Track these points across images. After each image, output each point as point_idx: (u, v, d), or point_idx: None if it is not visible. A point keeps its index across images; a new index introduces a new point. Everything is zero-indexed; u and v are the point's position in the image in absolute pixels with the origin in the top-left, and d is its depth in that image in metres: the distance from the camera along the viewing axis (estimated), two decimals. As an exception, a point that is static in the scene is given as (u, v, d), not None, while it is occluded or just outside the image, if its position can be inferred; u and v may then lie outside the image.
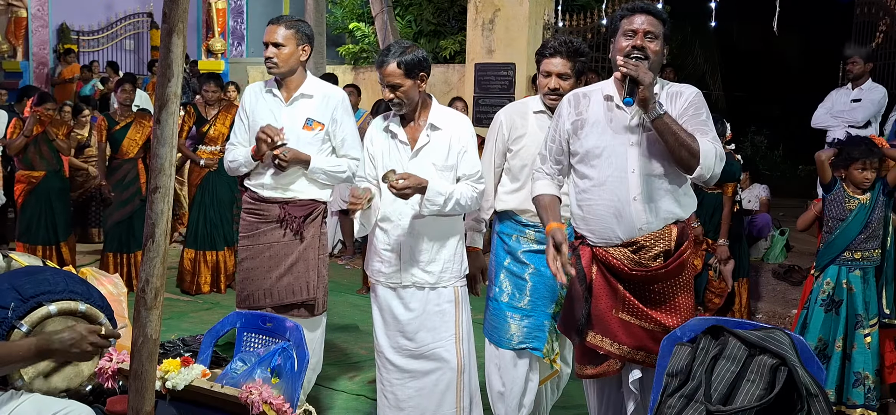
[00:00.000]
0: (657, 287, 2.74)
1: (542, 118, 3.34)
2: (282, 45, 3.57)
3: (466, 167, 3.26)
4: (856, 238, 4.06)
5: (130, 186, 6.42)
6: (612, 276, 2.77)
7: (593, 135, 2.77)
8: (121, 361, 2.57)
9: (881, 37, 7.76)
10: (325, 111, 3.67)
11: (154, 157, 1.99)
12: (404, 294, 3.30)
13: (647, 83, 2.55)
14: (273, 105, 3.66)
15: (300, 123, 3.64)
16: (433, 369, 3.29)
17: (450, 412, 3.31)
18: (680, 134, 2.60)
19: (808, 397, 2.19)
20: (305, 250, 3.69)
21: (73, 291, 2.81)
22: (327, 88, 3.76)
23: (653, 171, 2.71)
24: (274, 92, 3.68)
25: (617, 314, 2.76)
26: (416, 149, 3.23)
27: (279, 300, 3.65)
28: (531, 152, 3.27)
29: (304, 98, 3.67)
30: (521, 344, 3.35)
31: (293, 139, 3.61)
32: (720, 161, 2.65)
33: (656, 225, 2.73)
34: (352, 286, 6.70)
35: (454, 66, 9.85)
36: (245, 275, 3.71)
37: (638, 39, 2.69)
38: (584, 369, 2.93)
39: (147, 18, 14.28)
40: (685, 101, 2.73)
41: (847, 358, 4.04)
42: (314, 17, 9.55)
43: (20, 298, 2.66)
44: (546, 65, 3.29)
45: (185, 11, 1.92)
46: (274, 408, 2.39)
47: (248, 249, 3.71)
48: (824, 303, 4.11)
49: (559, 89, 3.24)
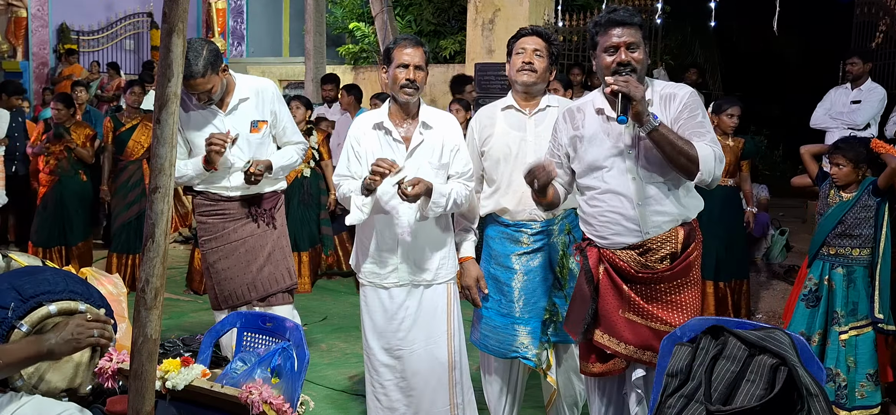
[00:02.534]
0: (663, 287, 2.76)
1: (509, 114, 3.29)
2: (209, 88, 3.52)
3: (459, 165, 3.26)
4: (829, 233, 4.13)
5: (136, 187, 6.42)
6: (619, 277, 2.78)
7: (592, 149, 2.80)
8: (121, 361, 2.57)
9: (881, 37, 7.76)
10: (264, 109, 3.73)
11: (154, 157, 1.99)
12: (397, 293, 3.27)
13: (638, 98, 2.56)
14: (211, 118, 3.67)
15: (247, 128, 3.68)
16: (426, 367, 3.27)
17: (443, 410, 3.30)
18: (677, 143, 2.60)
19: (808, 396, 2.19)
20: (279, 238, 3.80)
21: (72, 290, 2.81)
22: (258, 84, 3.79)
23: (654, 176, 2.72)
24: None
25: (623, 314, 2.78)
26: (411, 148, 3.21)
27: (264, 291, 3.72)
28: (500, 148, 3.25)
29: (242, 102, 3.70)
30: (514, 353, 3.26)
31: (244, 144, 3.66)
32: (720, 163, 2.65)
33: (662, 228, 2.75)
34: (351, 286, 6.69)
35: (454, 67, 9.85)
36: (221, 275, 3.73)
37: (621, 55, 2.69)
38: (590, 367, 2.94)
39: (147, 18, 14.28)
40: (679, 103, 2.73)
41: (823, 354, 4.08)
42: (314, 17, 9.55)
43: (20, 299, 2.66)
44: (520, 43, 3.24)
45: (185, 11, 1.92)
46: (274, 408, 2.39)
47: (217, 251, 3.73)
48: (805, 298, 4.19)
49: (533, 64, 3.19)
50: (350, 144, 3.31)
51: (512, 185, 3.24)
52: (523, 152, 3.22)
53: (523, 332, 3.25)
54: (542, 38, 3.23)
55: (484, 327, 3.35)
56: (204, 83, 3.49)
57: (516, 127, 3.26)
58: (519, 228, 3.25)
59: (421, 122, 3.24)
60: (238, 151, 3.65)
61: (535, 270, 3.25)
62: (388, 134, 3.23)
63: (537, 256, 3.25)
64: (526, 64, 3.20)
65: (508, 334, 3.26)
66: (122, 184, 6.43)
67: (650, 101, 2.72)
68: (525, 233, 3.25)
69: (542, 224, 3.24)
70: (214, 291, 3.81)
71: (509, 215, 3.27)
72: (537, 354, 3.24)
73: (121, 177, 6.45)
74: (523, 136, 3.25)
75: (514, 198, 3.24)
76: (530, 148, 3.22)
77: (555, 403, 3.45)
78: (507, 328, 3.26)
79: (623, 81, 2.58)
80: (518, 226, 3.25)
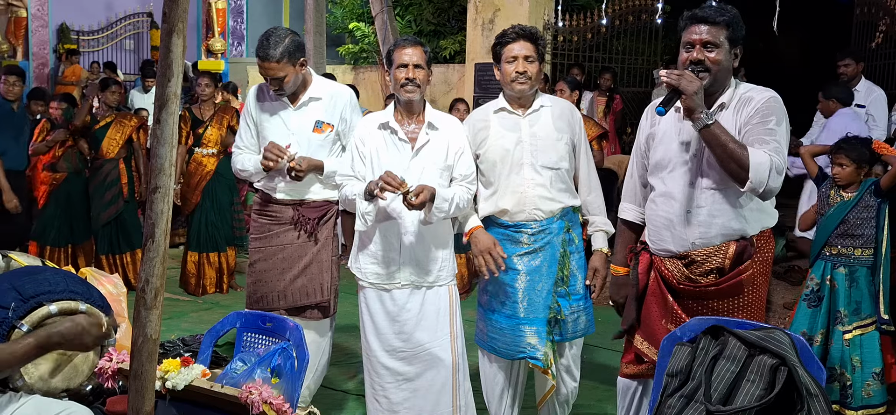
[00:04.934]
0: (713, 305, 2.65)
1: (503, 116, 3.29)
2: (282, 75, 3.49)
3: (463, 168, 3.27)
4: (831, 233, 4.11)
5: (112, 186, 6.39)
6: (665, 286, 2.73)
7: (661, 147, 2.76)
8: (121, 361, 2.57)
9: (881, 37, 7.76)
10: (333, 112, 3.63)
11: (154, 157, 1.99)
12: (400, 295, 3.27)
13: (690, 92, 2.46)
14: (280, 109, 3.63)
15: (310, 127, 3.60)
16: (429, 369, 3.27)
17: (446, 412, 3.30)
18: (729, 145, 2.47)
19: (808, 396, 2.19)
20: (319, 252, 3.68)
21: (73, 291, 2.81)
22: (334, 88, 3.73)
23: (716, 184, 2.62)
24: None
25: (665, 324, 2.72)
26: (416, 148, 3.22)
27: (293, 302, 3.63)
28: (495, 150, 3.25)
29: (313, 101, 3.63)
30: (521, 354, 3.25)
31: (304, 143, 3.58)
32: (777, 174, 2.47)
33: (711, 241, 2.65)
34: (352, 286, 6.66)
35: (454, 66, 9.85)
36: (257, 277, 3.68)
37: (695, 53, 2.61)
38: (623, 368, 2.92)
39: (147, 18, 14.27)
40: (753, 108, 2.59)
41: (827, 354, 4.07)
42: (314, 17, 9.56)
43: (20, 298, 2.66)
44: (509, 50, 3.19)
45: (185, 11, 1.92)
46: (274, 408, 2.39)
47: (260, 251, 3.68)
48: (808, 298, 4.18)
49: (527, 72, 3.17)
50: (354, 145, 3.31)
51: (509, 186, 3.23)
52: (519, 153, 3.22)
53: (530, 332, 3.23)
54: (530, 41, 3.19)
55: (490, 329, 3.33)
56: (277, 69, 3.45)
57: (511, 128, 3.26)
58: (518, 229, 3.25)
59: (427, 122, 3.25)
60: (296, 148, 3.55)
61: (537, 270, 3.24)
62: (394, 133, 3.24)
63: (539, 256, 3.24)
64: (519, 74, 3.18)
65: (516, 336, 3.24)
66: (98, 184, 6.38)
67: (724, 105, 2.63)
68: (525, 233, 3.24)
69: (542, 223, 3.23)
70: (249, 291, 3.76)
71: (508, 216, 3.26)
72: (545, 353, 3.23)
73: (97, 176, 6.39)
74: (519, 136, 3.24)
75: (512, 199, 3.23)
76: (526, 149, 3.22)
77: (547, 401, 3.45)
78: (514, 330, 3.25)
79: (676, 75, 2.49)
80: (517, 227, 3.25)
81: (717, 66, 2.61)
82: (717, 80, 2.63)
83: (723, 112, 2.65)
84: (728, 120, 2.62)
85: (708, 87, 2.62)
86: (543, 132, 3.24)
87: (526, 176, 3.22)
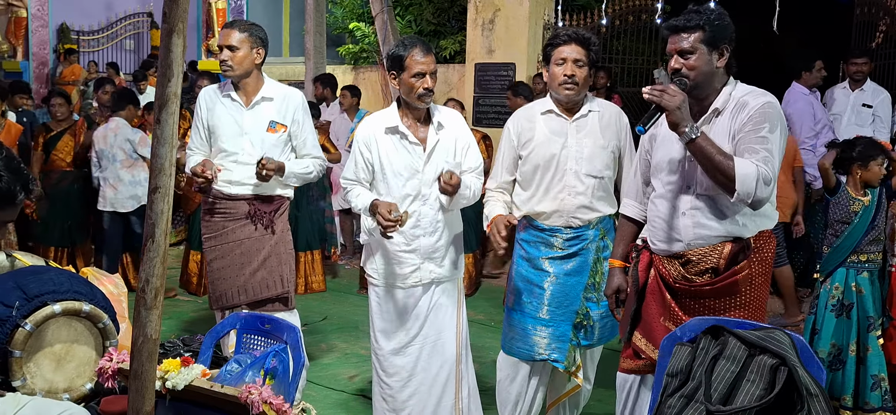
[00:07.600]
0: (708, 303, 2.67)
1: (550, 118, 3.24)
2: (236, 48, 3.57)
3: (471, 161, 3.30)
4: (862, 239, 4.00)
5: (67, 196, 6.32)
6: (663, 285, 2.75)
7: (662, 149, 2.76)
8: (121, 361, 2.57)
9: (881, 37, 7.75)
10: (286, 113, 3.70)
11: (154, 157, 1.99)
12: (415, 293, 3.29)
13: (672, 107, 2.46)
14: (232, 109, 3.67)
15: (263, 126, 3.66)
16: (434, 363, 3.30)
17: (449, 405, 3.32)
18: (715, 157, 2.47)
19: (808, 396, 2.19)
20: (277, 244, 3.73)
21: (76, 291, 2.82)
22: (286, 90, 3.79)
23: (712, 187, 2.61)
24: (232, 96, 3.68)
25: (663, 322, 2.74)
26: (428, 150, 3.22)
27: (254, 296, 3.67)
28: (540, 154, 3.21)
29: (265, 101, 3.69)
30: (542, 356, 3.23)
31: (258, 142, 3.64)
32: (765, 184, 2.46)
33: (707, 241, 2.66)
34: (351, 286, 6.69)
35: (454, 66, 9.84)
36: (216, 275, 3.72)
37: (673, 62, 2.61)
38: (622, 363, 2.93)
39: (147, 18, 14.29)
40: (747, 114, 2.57)
41: (861, 362, 3.97)
42: (314, 17, 9.55)
43: (25, 297, 2.66)
44: (559, 52, 3.14)
45: (185, 11, 1.92)
46: (274, 408, 2.39)
47: (216, 249, 3.72)
48: (835, 308, 4.04)
49: (575, 76, 3.11)
50: (358, 149, 3.29)
51: (550, 192, 3.22)
52: (564, 159, 3.19)
53: (546, 333, 3.22)
54: (582, 45, 3.14)
55: (509, 328, 3.33)
56: (234, 38, 3.56)
57: (557, 132, 3.22)
58: (553, 233, 3.23)
59: (435, 123, 3.25)
60: (249, 148, 3.63)
61: (567, 275, 3.23)
62: (404, 138, 3.22)
63: (571, 261, 3.23)
64: (568, 78, 3.12)
65: (533, 337, 3.24)
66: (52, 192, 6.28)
67: (718, 111, 2.63)
68: (558, 237, 3.22)
69: (577, 230, 3.22)
70: (209, 291, 3.82)
71: (544, 219, 3.25)
72: (570, 356, 3.23)
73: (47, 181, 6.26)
74: (564, 142, 3.20)
75: (551, 204, 3.22)
76: (571, 154, 3.18)
77: (559, 403, 3.46)
78: (532, 331, 3.24)
79: (658, 92, 2.48)
80: (552, 231, 3.23)
81: (696, 71, 2.58)
82: (700, 84, 2.61)
83: (718, 118, 2.64)
84: (723, 125, 2.61)
85: (695, 92, 2.62)
86: (590, 140, 3.19)
87: (567, 183, 3.19)
